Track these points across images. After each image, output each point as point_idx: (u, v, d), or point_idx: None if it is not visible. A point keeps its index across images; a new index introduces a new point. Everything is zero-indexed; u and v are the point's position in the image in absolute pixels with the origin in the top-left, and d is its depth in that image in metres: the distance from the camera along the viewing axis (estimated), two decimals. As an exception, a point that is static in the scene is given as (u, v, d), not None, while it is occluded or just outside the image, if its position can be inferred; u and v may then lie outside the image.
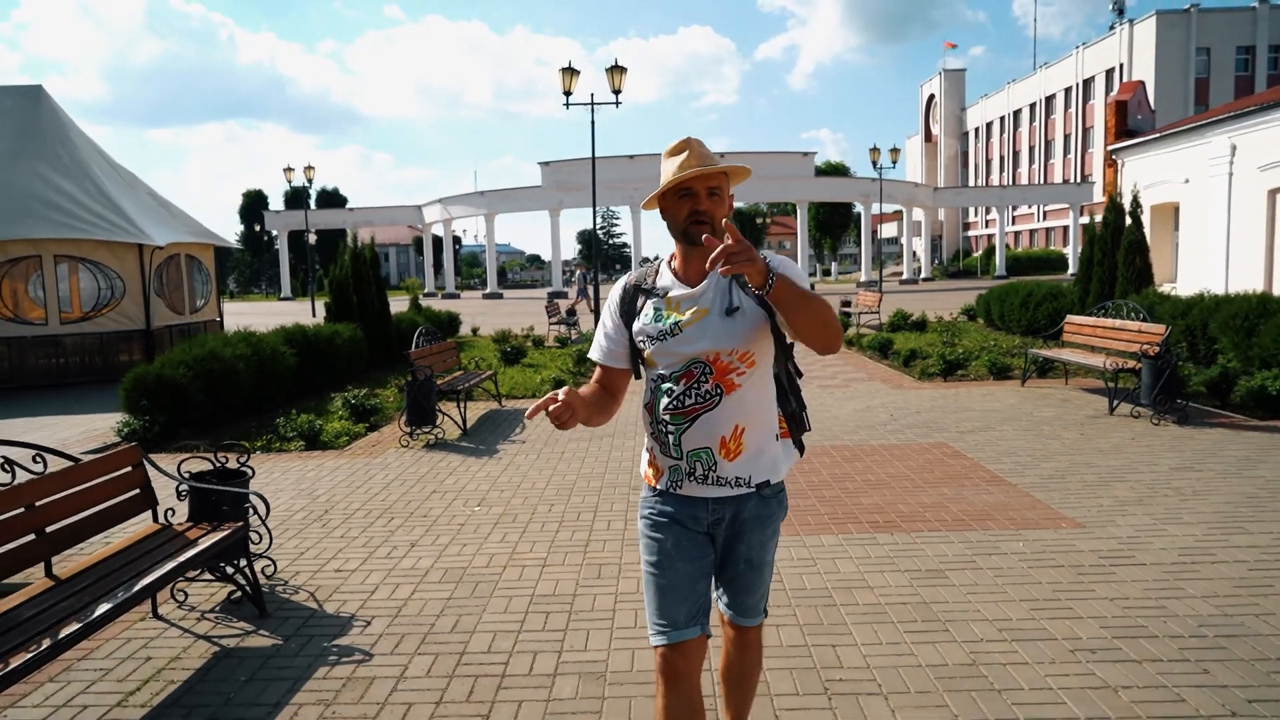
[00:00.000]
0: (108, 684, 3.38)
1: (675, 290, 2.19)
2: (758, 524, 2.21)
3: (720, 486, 2.17)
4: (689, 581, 2.19)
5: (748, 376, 2.14)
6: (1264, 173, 17.71)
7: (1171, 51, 51.97)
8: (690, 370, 2.13)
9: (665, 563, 2.20)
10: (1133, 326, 8.61)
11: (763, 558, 2.27)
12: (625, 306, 2.27)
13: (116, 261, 13.80)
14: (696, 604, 2.19)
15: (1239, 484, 5.70)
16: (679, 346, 2.14)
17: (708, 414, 2.12)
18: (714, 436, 2.13)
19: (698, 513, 2.20)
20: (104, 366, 13.77)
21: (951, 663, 3.33)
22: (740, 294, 2.12)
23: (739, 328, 2.11)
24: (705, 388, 2.12)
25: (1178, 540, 4.65)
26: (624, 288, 2.30)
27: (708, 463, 2.15)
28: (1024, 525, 4.99)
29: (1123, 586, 4.03)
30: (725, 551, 2.26)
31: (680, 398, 2.14)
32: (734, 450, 2.15)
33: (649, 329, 2.19)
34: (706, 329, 2.12)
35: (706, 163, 2.11)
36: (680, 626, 2.17)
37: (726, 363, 2.12)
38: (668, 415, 2.15)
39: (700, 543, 2.22)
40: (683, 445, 2.15)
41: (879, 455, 6.88)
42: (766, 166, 43.79)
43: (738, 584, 2.28)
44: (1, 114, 14.41)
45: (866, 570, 4.34)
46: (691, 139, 2.17)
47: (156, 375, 8.59)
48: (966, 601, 3.91)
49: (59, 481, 3.49)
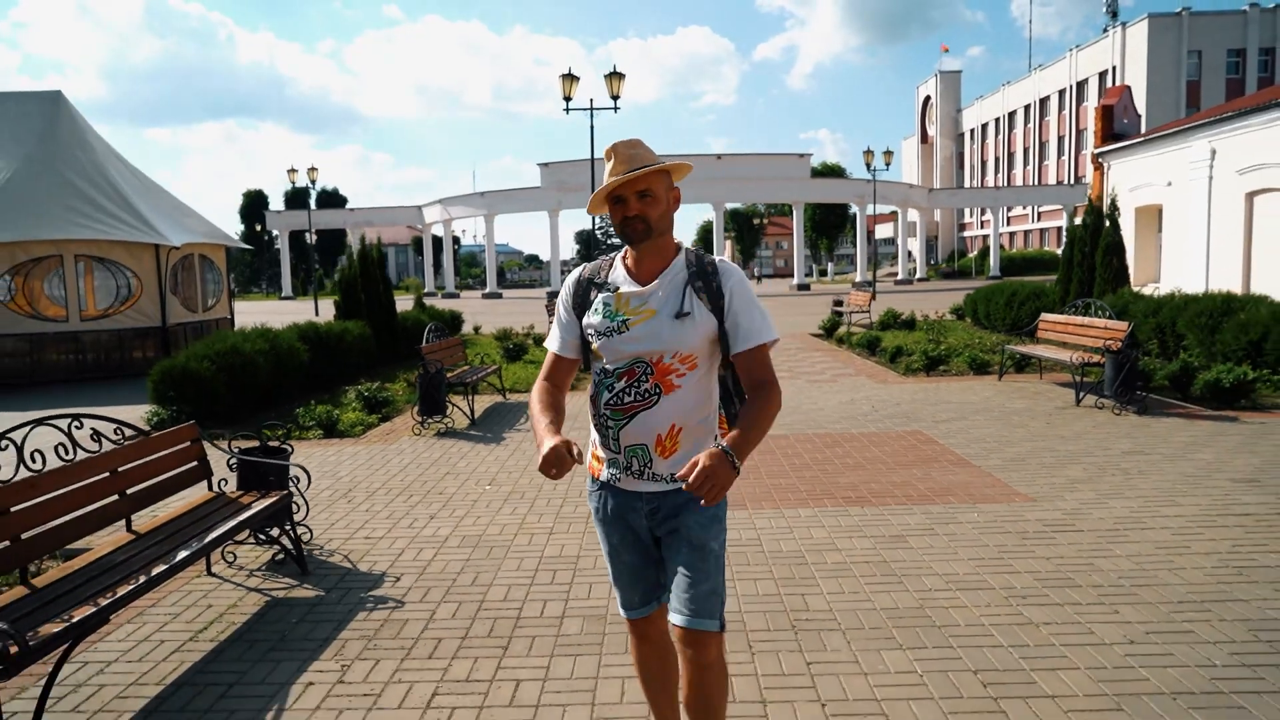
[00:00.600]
0: (178, 625, 3.93)
1: (625, 287, 2.24)
2: (694, 507, 2.22)
3: (656, 482, 2.23)
4: (639, 569, 2.35)
5: (688, 378, 2.19)
6: (1242, 176, 18.30)
7: (1163, 54, 52.58)
8: (632, 368, 2.18)
9: (614, 556, 2.36)
10: (1099, 324, 9.18)
11: (705, 540, 2.23)
12: (577, 299, 2.31)
13: (134, 261, 14.34)
14: (649, 586, 2.37)
15: (1180, 465, 6.27)
16: (623, 345, 2.19)
17: (645, 412, 2.18)
18: (650, 434, 2.19)
19: (635, 504, 2.27)
20: (121, 362, 14.33)
21: (902, 607, 3.89)
22: (693, 299, 2.19)
23: (685, 332, 2.17)
24: (645, 386, 2.17)
25: (1115, 511, 5.21)
26: (577, 279, 2.35)
27: (644, 459, 2.21)
28: (981, 500, 5.55)
29: (1059, 548, 4.60)
30: (667, 540, 2.29)
31: (620, 394, 2.19)
32: (669, 448, 2.20)
33: (597, 324, 2.23)
34: (652, 329, 2.17)
35: (634, 166, 2.16)
36: (637, 606, 2.39)
37: (669, 364, 2.17)
38: (608, 410, 2.22)
39: (644, 534, 2.31)
40: (621, 440, 2.22)
41: (858, 442, 7.45)
42: (763, 168, 44.40)
43: (682, 572, 2.23)
44: (23, 119, 14.96)
45: (836, 536, 4.90)
46: (618, 144, 2.22)
47: (183, 368, 9.14)
48: (921, 560, 4.48)
49: (135, 451, 4.05)
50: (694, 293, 2.18)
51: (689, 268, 2.22)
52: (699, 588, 2.20)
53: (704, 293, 2.18)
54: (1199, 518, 5.04)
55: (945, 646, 3.47)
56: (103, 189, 14.61)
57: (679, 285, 2.19)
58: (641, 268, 2.24)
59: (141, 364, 14.37)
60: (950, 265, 61.79)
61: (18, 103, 15.38)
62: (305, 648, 3.65)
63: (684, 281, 2.19)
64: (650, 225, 2.18)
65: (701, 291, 2.18)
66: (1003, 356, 11.08)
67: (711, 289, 2.18)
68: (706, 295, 2.18)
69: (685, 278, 2.20)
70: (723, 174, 43.15)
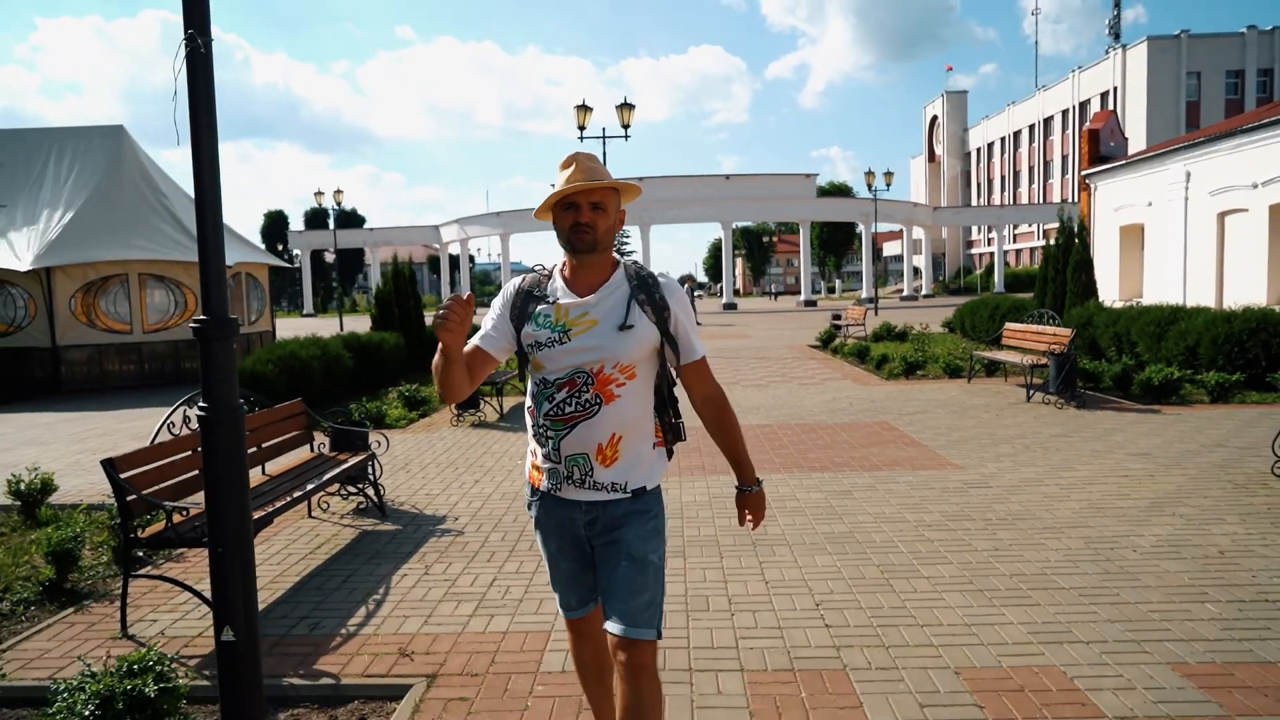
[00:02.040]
0: (297, 545, 5.29)
1: (564, 298, 2.26)
2: (634, 518, 2.26)
3: (597, 491, 2.25)
4: (577, 575, 2.40)
5: (627, 388, 2.22)
6: (1214, 197, 19.54)
7: (1163, 75, 53.85)
8: (573, 379, 2.20)
9: (553, 562, 2.42)
10: (1049, 330, 10.47)
11: (644, 553, 2.25)
12: (515, 310, 2.31)
13: (190, 279, 15.85)
14: (583, 590, 2.42)
15: (1093, 444, 7.55)
16: (565, 356, 2.21)
17: (586, 422, 2.20)
18: (591, 444, 2.21)
19: (573, 514, 2.29)
20: (176, 370, 15.81)
21: (836, 532, 5.20)
22: (637, 312, 2.23)
23: (627, 344, 2.21)
24: (585, 396, 2.20)
25: (1023, 474, 6.51)
26: (516, 289, 2.35)
27: (585, 468, 2.22)
28: (919, 468, 6.85)
29: (968, 498, 5.89)
30: (605, 551, 2.29)
31: (561, 404, 2.21)
32: (610, 457, 2.22)
33: (537, 334, 2.24)
34: (593, 340, 2.20)
35: (592, 178, 2.20)
36: (574, 608, 2.45)
37: (609, 374, 2.20)
38: (548, 421, 2.23)
39: (581, 542, 2.34)
40: (561, 450, 2.23)
41: (831, 429, 8.75)
42: (770, 188, 45.88)
43: (620, 583, 2.24)
44: (90, 152, 16.56)
45: (797, 491, 6.22)
46: (580, 154, 2.28)
47: (250, 370, 10.56)
48: (859, 506, 5.78)
49: (262, 419, 5.42)
50: (638, 305, 2.23)
51: (630, 281, 2.28)
52: (638, 598, 2.22)
53: (648, 305, 2.24)
54: (1087, 478, 6.32)
55: (861, 554, 4.78)
56: (160, 213, 16.16)
57: (622, 297, 2.24)
58: (580, 280, 2.28)
59: (194, 372, 15.86)
60: (956, 282, 62.98)
61: (85, 137, 16.98)
62: (396, 556, 5.00)
63: (627, 294, 2.25)
64: (597, 237, 2.22)
65: (645, 304, 2.24)
66: (971, 361, 12.37)
67: (655, 301, 2.25)
68: (651, 307, 2.24)
69: (628, 290, 2.26)
70: (731, 194, 44.65)
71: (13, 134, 17.24)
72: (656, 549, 2.28)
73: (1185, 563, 4.46)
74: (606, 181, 2.22)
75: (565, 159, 2.26)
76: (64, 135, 17.02)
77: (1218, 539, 4.83)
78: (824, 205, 50.18)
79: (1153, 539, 4.87)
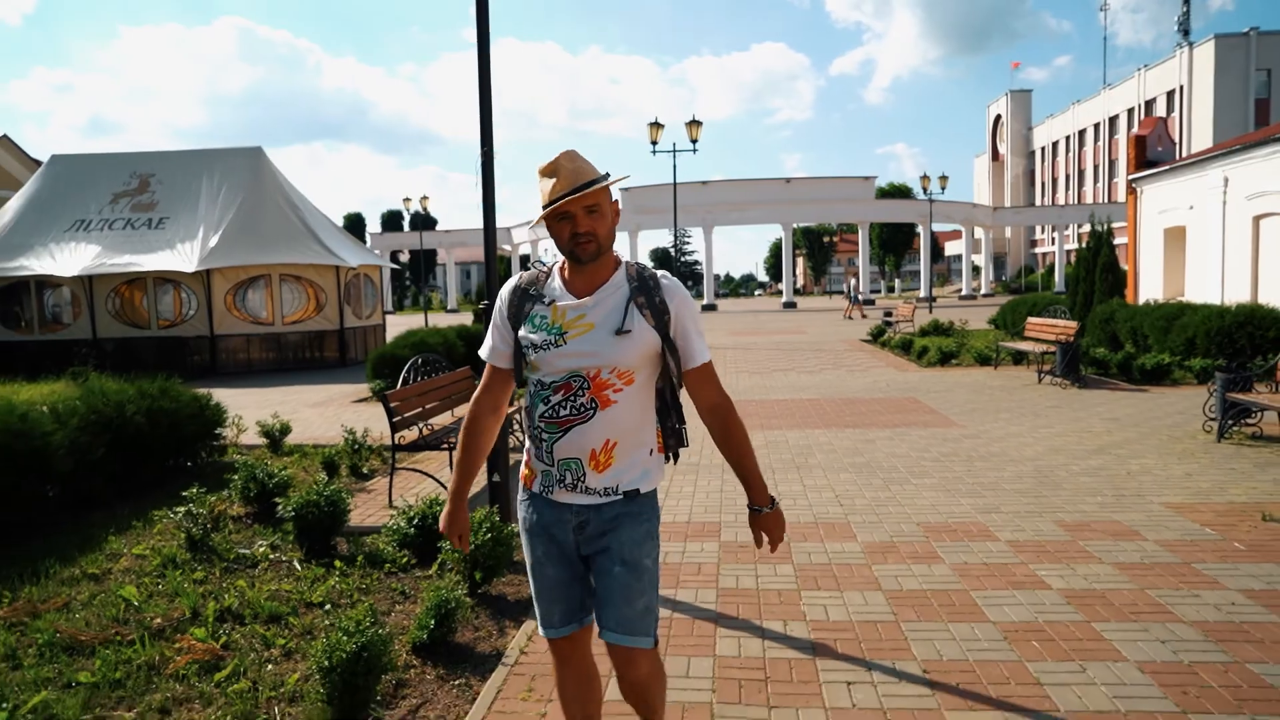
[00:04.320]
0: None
1: (562, 299, 2.19)
2: (628, 520, 2.20)
3: (588, 495, 2.19)
4: (561, 586, 2.27)
5: (624, 393, 2.15)
6: (1250, 201, 20.74)
7: (1231, 73, 53.60)
8: (569, 382, 2.14)
9: (538, 568, 2.29)
10: (1060, 324, 12.24)
11: (638, 558, 2.20)
12: (513, 310, 2.25)
13: (321, 279, 18.52)
14: (570, 605, 2.29)
15: (1078, 412, 9.39)
16: (560, 359, 2.14)
17: (580, 426, 2.13)
18: (584, 448, 2.15)
19: (564, 516, 2.22)
20: (309, 357, 18.49)
21: (858, 462, 7.23)
22: (636, 316, 2.14)
23: (625, 349, 2.13)
24: (581, 401, 2.13)
25: (1008, 430, 8.43)
26: (513, 289, 2.27)
27: (577, 472, 2.17)
28: (930, 427, 8.82)
29: (961, 445, 7.85)
30: (598, 557, 2.23)
31: (556, 407, 2.15)
32: (603, 463, 2.16)
33: (533, 336, 2.17)
34: (590, 344, 2.13)
35: (578, 180, 2.09)
36: (556, 625, 2.30)
37: (606, 379, 2.13)
38: (542, 423, 2.17)
39: (570, 549, 2.25)
40: (554, 453, 2.17)
41: (866, 402, 10.74)
42: (830, 190, 47.41)
43: (614, 589, 2.19)
44: (234, 171, 19.36)
45: (834, 439, 8.26)
46: (561, 158, 2.14)
47: (391, 353, 12.99)
48: (878, 449, 7.79)
49: (446, 379, 7.69)
50: (636, 309, 2.15)
51: (630, 282, 2.19)
52: (633, 605, 2.19)
53: (647, 308, 2.16)
54: (1057, 433, 8.22)
55: (872, 473, 6.82)
56: (294, 223, 18.88)
57: (620, 300, 2.16)
58: (579, 280, 2.20)
59: (324, 360, 18.56)
60: (1018, 281, 63.37)
61: (230, 158, 19.81)
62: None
63: (626, 297, 2.17)
64: (600, 243, 2.14)
65: (645, 307, 2.16)
66: (997, 351, 14.15)
67: (655, 304, 2.16)
68: (650, 311, 2.16)
69: (627, 292, 2.18)
70: (792, 197, 46.34)
71: (171, 155, 20.19)
72: (651, 553, 2.23)
73: (1098, 478, 6.40)
74: (597, 184, 2.10)
75: (546, 166, 2.15)
76: (212, 156, 19.88)
77: (1131, 466, 6.75)
78: (883, 207, 51.45)
79: (1084, 466, 6.80)
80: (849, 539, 5.15)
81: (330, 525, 5.18)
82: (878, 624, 3.86)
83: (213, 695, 3.37)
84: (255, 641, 3.86)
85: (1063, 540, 4.96)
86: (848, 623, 3.88)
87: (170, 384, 7.61)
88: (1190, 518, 5.31)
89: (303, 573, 4.77)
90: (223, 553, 5.10)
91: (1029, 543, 4.93)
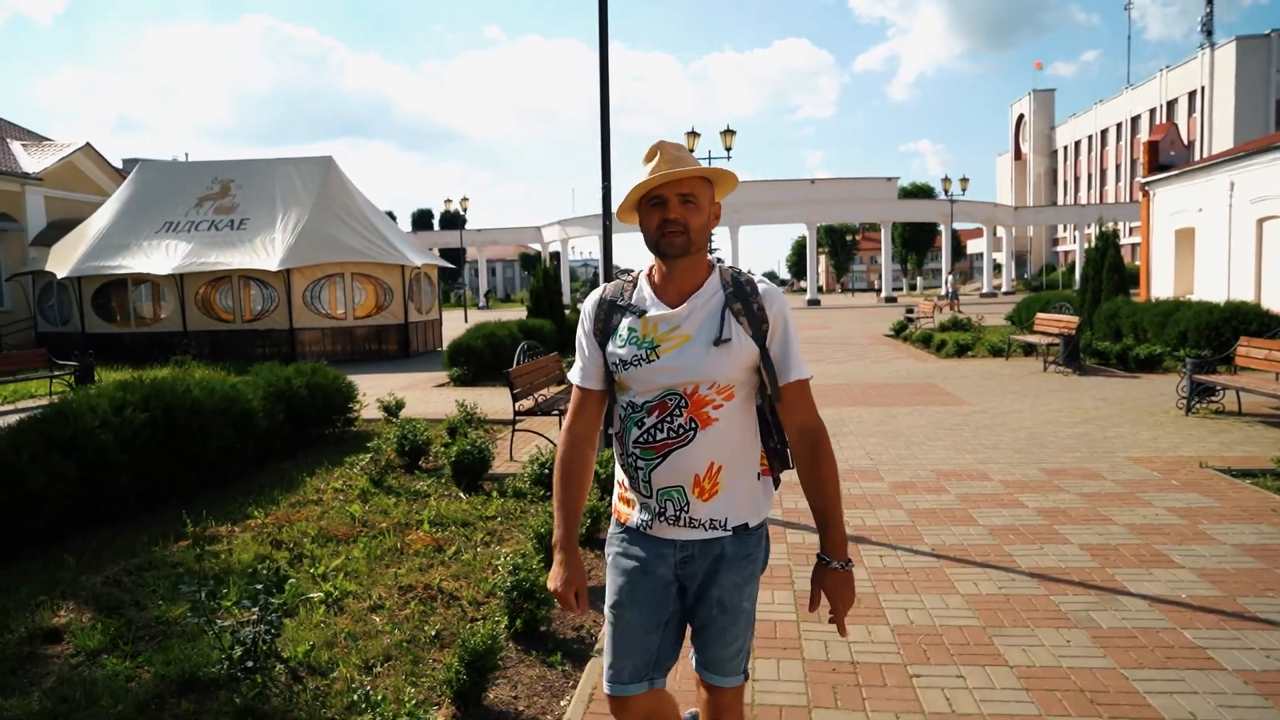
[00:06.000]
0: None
1: (653, 309, 2.01)
2: (733, 562, 2.04)
3: (693, 529, 2.01)
4: (639, 633, 2.06)
5: (725, 410, 1.97)
6: (1254, 205, 21.99)
7: (1252, 74, 54.30)
8: (664, 401, 1.97)
9: (618, 609, 2.09)
10: (1064, 318, 13.71)
11: (737, 602, 2.04)
12: (599, 324, 2.08)
13: (389, 277, 20.26)
14: (645, 658, 2.07)
15: (1072, 394, 10.88)
16: (653, 375, 1.97)
17: (681, 450, 1.96)
18: (687, 474, 1.97)
19: (664, 552, 2.05)
20: (378, 349, 20.24)
21: (883, 431, 8.78)
22: (733, 324, 1.97)
23: (724, 361, 1.96)
24: (679, 421, 1.96)
25: (1011, 407, 9.94)
26: (598, 302, 2.10)
27: (679, 503, 1.99)
28: (945, 404, 10.35)
29: (968, 416, 9.38)
30: (697, 596, 2.07)
31: (651, 431, 1.98)
32: (709, 490, 1.99)
33: (621, 351, 2.01)
34: (686, 357, 1.95)
35: (679, 167, 1.94)
36: (624, 681, 2.07)
37: (705, 395, 1.96)
38: (637, 449, 2.00)
39: (660, 591, 2.06)
40: (653, 483, 2.00)
41: (889, 386, 12.28)
42: (853, 191, 48.76)
43: (709, 632, 2.06)
44: (306, 176, 21.14)
45: (863, 414, 9.81)
46: (666, 143, 2.00)
47: (466, 344, 14.68)
48: (900, 420, 9.34)
49: (542, 360, 9.31)
50: (733, 316, 1.97)
51: (725, 288, 2.02)
52: (729, 648, 2.07)
53: (744, 315, 1.98)
54: (1052, 408, 9.73)
55: (896, 437, 8.37)
56: (363, 225, 20.63)
57: (716, 307, 1.98)
58: (670, 287, 2.02)
59: (389, 352, 20.29)
60: (1038, 279, 64.31)
61: (301, 165, 21.59)
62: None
63: (721, 303, 1.99)
64: (690, 236, 1.95)
65: (741, 314, 1.98)
66: (1008, 344, 15.62)
67: (752, 311, 1.99)
68: (747, 318, 1.98)
69: (723, 299, 2.00)
70: (816, 197, 47.74)
71: (248, 163, 22.03)
72: (751, 595, 2.09)
73: (1080, 440, 7.92)
74: (697, 170, 1.94)
75: (649, 149, 2.00)
76: (286, 164, 21.67)
77: (1108, 432, 8.26)
78: (905, 206, 52.68)
79: (1070, 432, 8.32)
80: (878, 480, 6.72)
81: (480, 468, 6.83)
82: (900, 527, 5.44)
83: (447, 562, 5.00)
84: (458, 536, 5.49)
85: (1042, 480, 6.50)
86: (878, 526, 5.47)
87: (319, 366, 9.29)
88: (1145, 466, 6.83)
89: (467, 501, 6.40)
90: (397, 489, 6.75)
91: (1015, 481, 6.49)
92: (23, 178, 24.77)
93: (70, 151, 26.71)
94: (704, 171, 1.98)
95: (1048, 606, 4.06)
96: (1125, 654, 3.53)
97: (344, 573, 4.78)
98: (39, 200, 25.52)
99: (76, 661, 3.75)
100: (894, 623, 3.94)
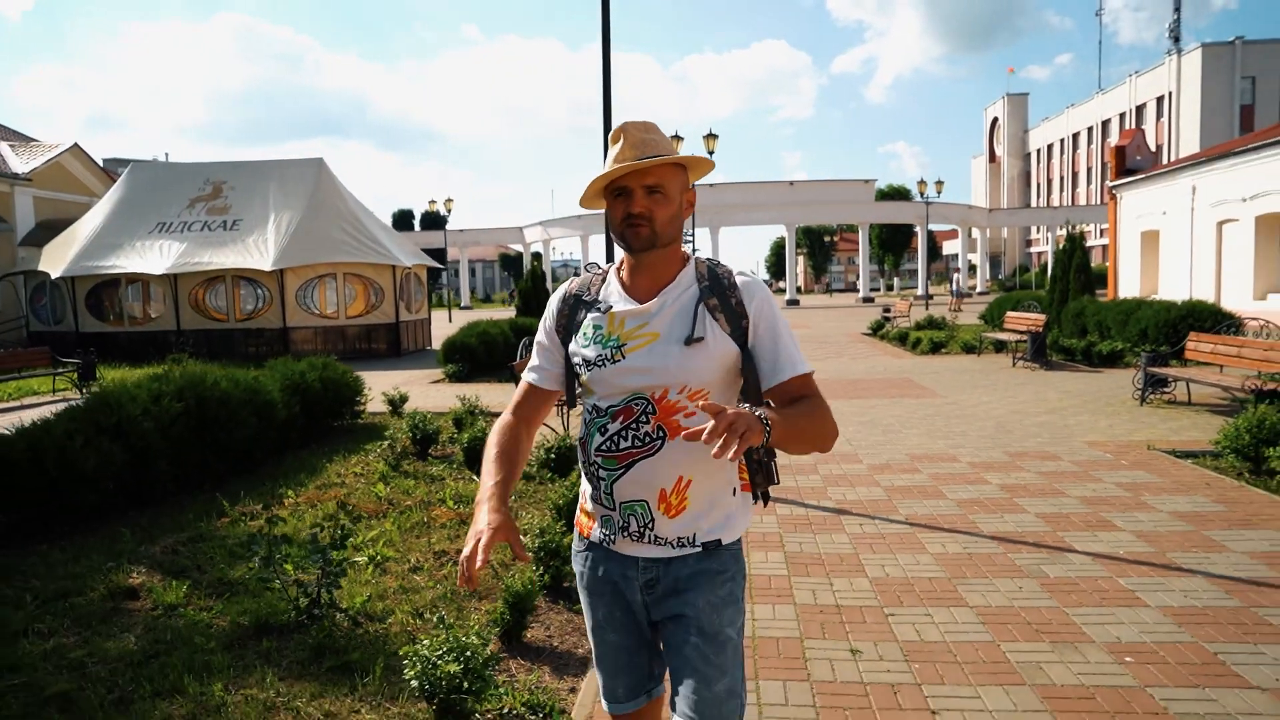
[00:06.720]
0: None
1: (620, 305, 1.83)
2: (705, 579, 1.80)
3: (658, 546, 1.81)
4: (625, 654, 1.93)
5: (698, 419, 1.72)
6: (1214, 208, 22.94)
7: (1217, 80, 55.84)
8: (630, 406, 1.77)
9: (598, 633, 1.94)
10: (1031, 316, 14.45)
11: (717, 626, 1.79)
12: (562, 320, 1.90)
13: (380, 277, 20.69)
14: (636, 675, 1.94)
15: (1037, 387, 11.59)
16: (619, 377, 1.78)
17: (646, 460, 1.76)
18: (652, 488, 1.77)
19: (628, 571, 1.86)
20: (368, 348, 20.65)
21: (861, 420, 9.41)
22: (707, 321, 1.77)
23: (697, 362, 1.76)
24: (645, 429, 1.76)
25: (980, 399, 10.62)
26: (563, 297, 1.93)
27: (643, 518, 1.79)
28: (919, 397, 11.02)
29: (939, 407, 10.04)
30: (669, 623, 1.84)
31: (615, 438, 1.77)
32: (676, 506, 1.78)
33: (586, 350, 1.82)
34: (654, 357, 1.76)
35: (646, 153, 1.74)
36: (621, 699, 1.94)
37: (674, 401, 1.75)
38: (599, 457, 1.80)
39: (638, 611, 1.89)
40: (615, 495, 1.80)
41: (867, 381, 12.94)
42: (831, 193, 49.62)
43: (689, 667, 1.78)
44: (297, 179, 21.50)
45: (843, 407, 10.43)
46: (630, 124, 1.79)
47: (461, 341, 15.19)
48: (878, 411, 9.98)
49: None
50: (708, 312, 1.78)
51: (700, 282, 1.82)
52: (714, 687, 1.76)
53: (721, 312, 1.79)
54: (1018, 399, 10.42)
55: (874, 425, 9.00)
56: (355, 226, 21.04)
57: (688, 303, 1.79)
58: (640, 282, 1.84)
59: (380, 351, 20.71)
60: (1012, 280, 65.61)
61: (291, 167, 21.96)
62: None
63: (695, 299, 1.79)
64: (656, 230, 1.76)
65: (718, 311, 1.79)
66: (980, 341, 16.36)
67: (730, 307, 1.80)
68: (725, 315, 1.79)
69: (696, 294, 1.80)
70: (795, 199, 48.56)
71: (240, 165, 22.36)
72: (734, 620, 1.82)
73: (1042, 428, 8.59)
74: (664, 157, 1.74)
75: (614, 130, 1.79)
76: (278, 166, 22.03)
77: (1068, 420, 8.95)
78: (882, 209, 53.65)
79: (1034, 421, 9.00)
80: (857, 462, 7.34)
81: (491, 453, 7.36)
82: (878, 501, 6.05)
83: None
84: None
85: (1005, 461, 7.15)
86: (858, 501, 6.08)
87: (329, 360, 9.78)
88: (1098, 449, 7.50)
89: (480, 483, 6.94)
90: (413, 473, 7.28)
91: (982, 463, 7.13)
92: (11, 178, 24.93)
93: (58, 152, 26.87)
94: (670, 160, 1.77)
95: (1005, 562, 4.68)
96: (1068, 596, 4.15)
97: (382, 541, 5.31)
98: (28, 201, 25.68)
99: (157, 615, 4.27)
100: (872, 575, 4.55)
